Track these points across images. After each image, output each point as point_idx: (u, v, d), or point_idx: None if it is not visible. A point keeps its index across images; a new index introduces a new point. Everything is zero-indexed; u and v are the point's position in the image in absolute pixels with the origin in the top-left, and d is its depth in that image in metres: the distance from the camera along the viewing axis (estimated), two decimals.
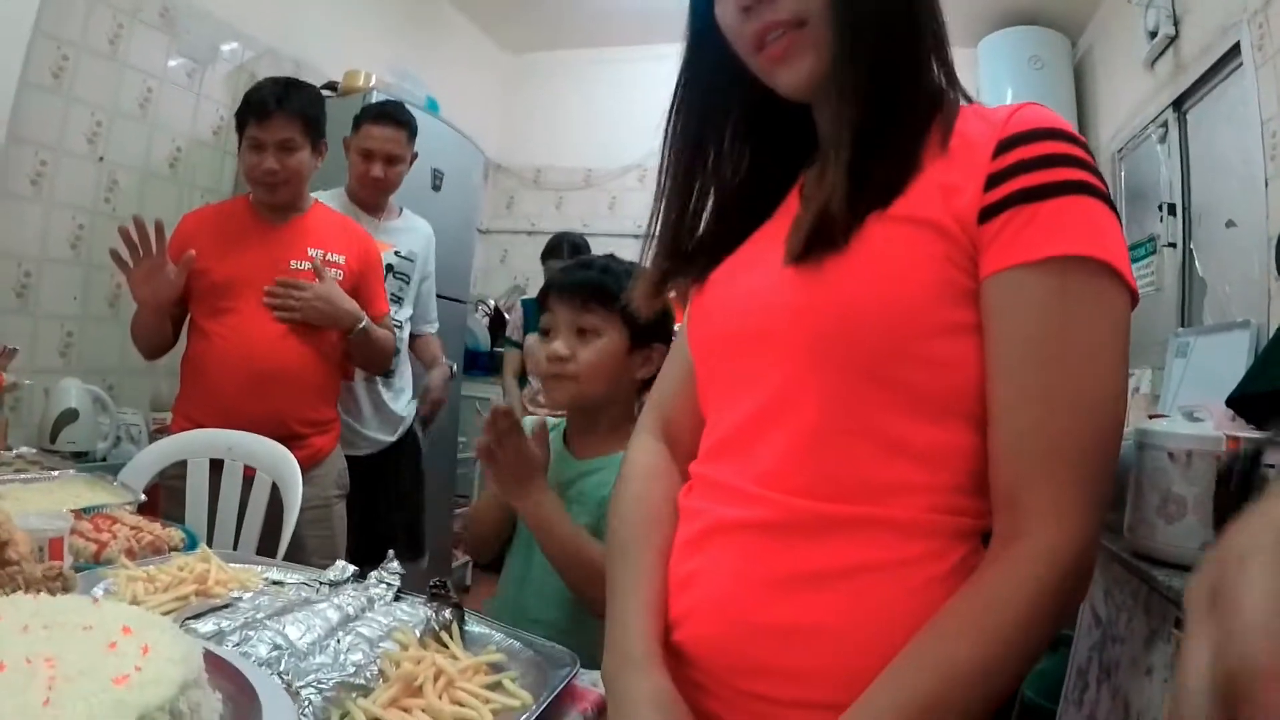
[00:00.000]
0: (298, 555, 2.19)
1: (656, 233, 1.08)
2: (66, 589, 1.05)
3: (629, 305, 1.49)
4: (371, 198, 2.92)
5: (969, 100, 0.95)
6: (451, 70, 5.13)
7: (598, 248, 4.38)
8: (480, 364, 5.17)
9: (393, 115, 2.92)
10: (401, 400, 3.10)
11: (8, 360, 2.37)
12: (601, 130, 5.59)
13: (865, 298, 0.84)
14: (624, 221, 5.49)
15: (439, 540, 4.21)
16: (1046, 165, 0.81)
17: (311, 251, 2.39)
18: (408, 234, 3.06)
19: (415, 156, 3.03)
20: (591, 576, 1.44)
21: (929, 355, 0.84)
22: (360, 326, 2.39)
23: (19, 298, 2.93)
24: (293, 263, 2.36)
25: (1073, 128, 0.86)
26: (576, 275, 1.63)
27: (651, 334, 1.62)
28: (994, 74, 4.55)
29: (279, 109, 2.28)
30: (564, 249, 4.14)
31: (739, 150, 1.07)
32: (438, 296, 3.51)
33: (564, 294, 1.61)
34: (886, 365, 0.85)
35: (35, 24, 2.41)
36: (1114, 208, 0.83)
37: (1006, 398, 0.81)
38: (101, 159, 3.12)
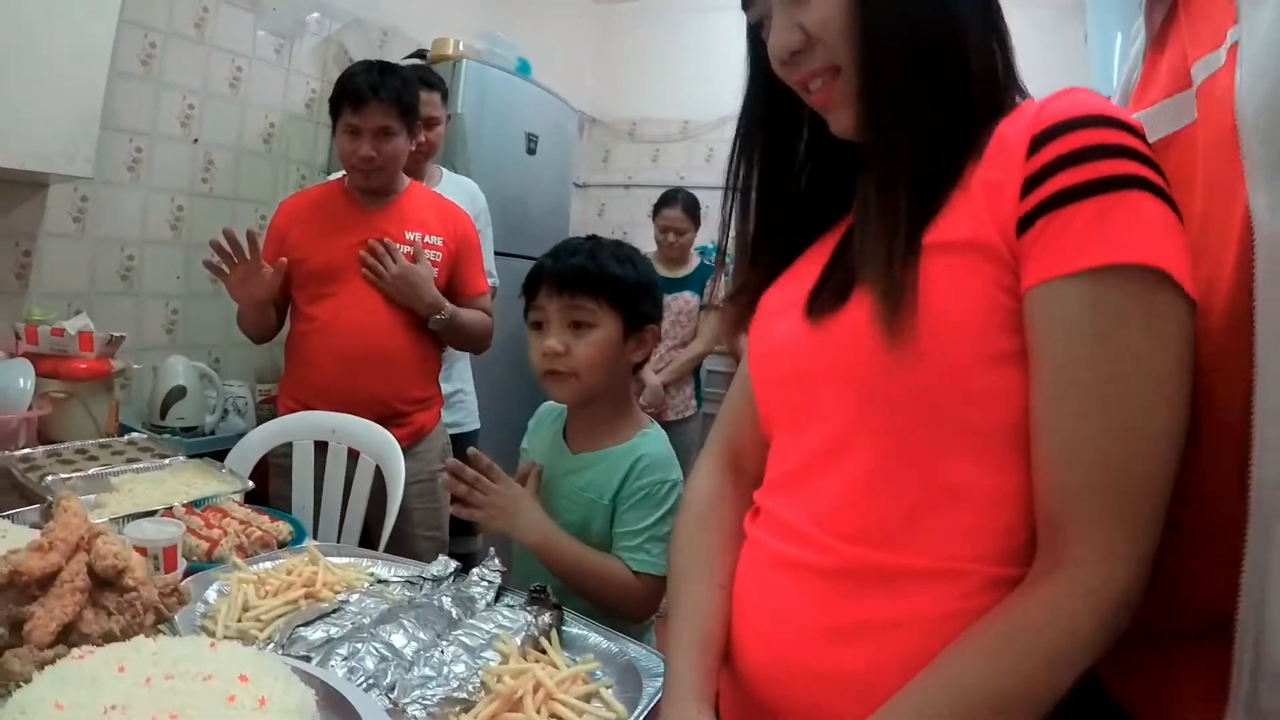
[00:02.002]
0: (405, 527, 2.30)
1: (734, 252, 1.07)
2: (182, 603, 1.10)
3: (620, 291, 1.51)
4: (414, 164, 2.82)
5: (1023, 94, 0.89)
6: (544, 26, 5.05)
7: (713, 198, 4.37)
8: None
9: (425, 78, 2.86)
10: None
11: (115, 347, 2.46)
12: (698, 81, 5.45)
13: (908, 339, 0.79)
14: (721, 173, 5.29)
15: None
16: (1086, 159, 0.73)
17: (409, 234, 2.41)
18: (455, 197, 2.94)
19: (450, 118, 3.01)
20: (606, 588, 1.49)
21: (983, 390, 0.79)
22: (439, 316, 2.40)
23: (124, 280, 3.04)
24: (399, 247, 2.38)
25: (1116, 108, 0.78)
26: (565, 265, 1.57)
27: (644, 317, 1.60)
28: (1102, 19, 4.31)
29: (375, 97, 2.28)
30: (679, 201, 4.13)
31: (803, 166, 1.05)
32: (534, 259, 3.55)
33: (553, 286, 1.55)
34: (937, 405, 0.80)
35: (120, 14, 2.45)
36: (1171, 201, 0.74)
37: (1048, 421, 0.76)
38: (196, 140, 3.19)
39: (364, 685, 1.03)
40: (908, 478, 0.82)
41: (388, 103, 2.30)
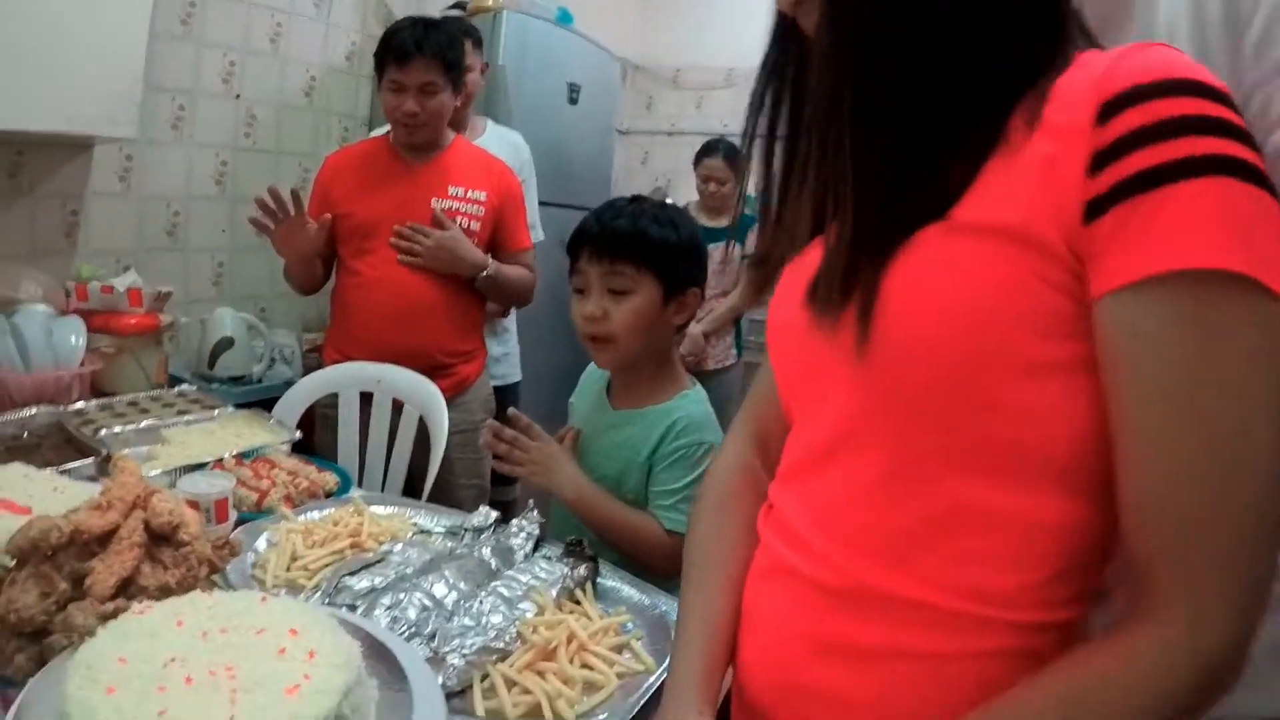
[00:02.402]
0: (447, 476, 2.35)
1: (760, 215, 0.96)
2: (234, 554, 1.16)
3: (660, 256, 1.50)
4: (455, 113, 2.78)
5: (1090, 39, 0.73)
6: None
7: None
8: None
9: (459, 27, 2.87)
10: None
11: (164, 301, 2.53)
12: (742, 28, 5.37)
13: (911, 340, 0.70)
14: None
15: None
16: (1170, 134, 0.60)
17: (453, 189, 2.44)
18: (498, 149, 2.94)
19: (486, 66, 3.01)
20: (638, 544, 1.52)
21: (1007, 404, 0.67)
22: (485, 274, 2.43)
23: (170, 236, 3.10)
24: (434, 201, 2.41)
25: (1206, 72, 0.63)
26: (605, 230, 1.57)
27: (686, 280, 1.61)
28: None
29: (419, 52, 2.30)
30: (720, 150, 4.12)
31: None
32: (578, 208, 3.58)
33: (593, 252, 1.57)
34: (951, 417, 0.70)
35: None
36: (1271, 188, 0.61)
37: (1134, 454, 0.64)
38: (238, 97, 3.22)
39: (406, 634, 1.08)
40: (913, 487, 0.73)
41: (431, 59, 2.31)
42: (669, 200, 4.51)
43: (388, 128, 2.51)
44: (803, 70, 0.88)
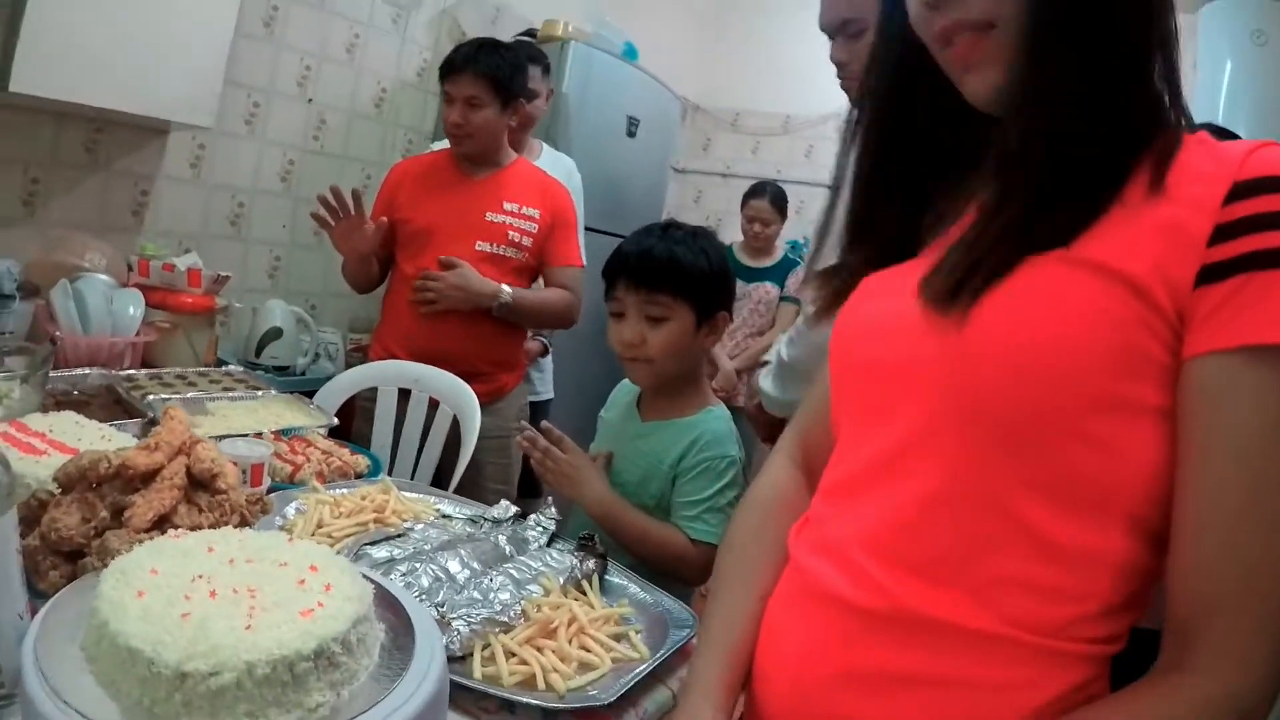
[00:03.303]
0: (476, 478, 2.43)
1: (834, 229, 0.98)
2: (265, 511, 1.22)
3: (693, 283, 1.58)
4: (513, 135, 2.86)
5: (1192, 126, 0.78)
6: (652, 9, 5.15)
7: (793, 196, 4.40)
8: None
9: (527, 52, 2.95)
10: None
11: (221, 285, 2.62)
12: (802, 76, 5.40)
13: (1012, 350, 0.71)
14: (820, 170, 5.13)
15: None
16: None
17: (508, 204, 2.53)
18: (552, 172, 2.96)
19: (551, 93, 3.12)
20: (664, 553, 1.58)
21: (1086, 433, 0.69)
22: (500, 303, 2.48)
23: (233, 225, 3.22)
24: (488, 215, 2.50)
25: None
26: (641, 261, 1.66)
27: (716, 305, 1.69)
28: (1213, 46, 4.11)
29: (466, 67, 2.43)
30: (766, 193, 4.22)
31: (924, 145, 0.91)
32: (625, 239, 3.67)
33: (630, 281, 1.65)
34: (1029, 435, 0.71)
35: None
36: None
37: (1201, 507, 0.67)
38: (310, 100, 3.35)
39: (417, 598, 1.13)
40: (976, 505, 0.74)
41: (478, 75, 2.43)
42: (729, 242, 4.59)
43: None
44: (907, 87, 0.90)
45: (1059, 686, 0.72)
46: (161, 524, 1.04)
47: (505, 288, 2.49)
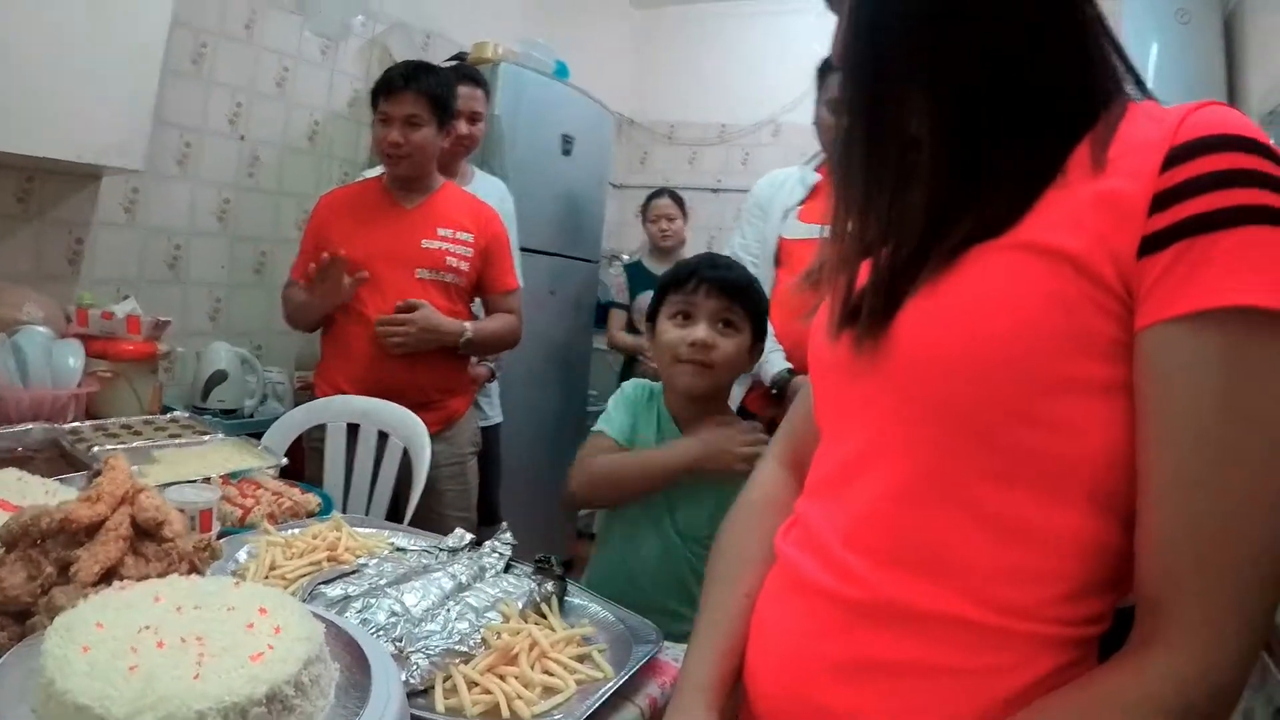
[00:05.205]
0: (435, 505, 2.45)
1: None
2: (214, 557, 1.21)
3: (759, 310, 1.68)
4: (453, 158, 2.95)
5: (1144, 92, 0.79)
6: (583, 27, 5.19)
7: (732, 203, 4.45)
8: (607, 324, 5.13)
9: (471, 75, 3.02)
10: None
11: (161, 330, 2.59)
12: (735, 85, 5.51)
13: (957, 342, 0.73)
14: (756, 178, 5.32)
15: (567, 490, 4.38)
16: (1229, 184, 0.64)
17: (441, 230, 2.53)
18: (484, 197, 2.99)
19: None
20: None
21: (1034, 417, 0.70)
22: (465, 339, 2.52)
23: (170, 269, 3.18)
24: (424, 242, 2.51)
25: (1263, 133, 0.67)
26: (723, 273, 1.73)
27: (762, 337, 1.78)
28: (1139, 27, 4.20)
29: (406, 86, 2.45)
30: (664, 194, 4.37)
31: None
32: (567, 257, 3.80)
33: (714, 288, 1.70)
34: (986, 421, 0.72)
35: (174, 16, 2.61)
36: None
37: (1161, 481, 0.67)
38: (243, 137, 3.33)
39: (373, 634, 1.12)
40: (939, 496, 0.76)
41: (418, 94, 2.45)
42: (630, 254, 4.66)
43: (380, 169, 2.63)
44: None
45: (1042, 669, 0.73)
46: (109, 576, 1.03)
47: (468, 325, 2.53)
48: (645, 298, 4.03)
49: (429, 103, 2.46)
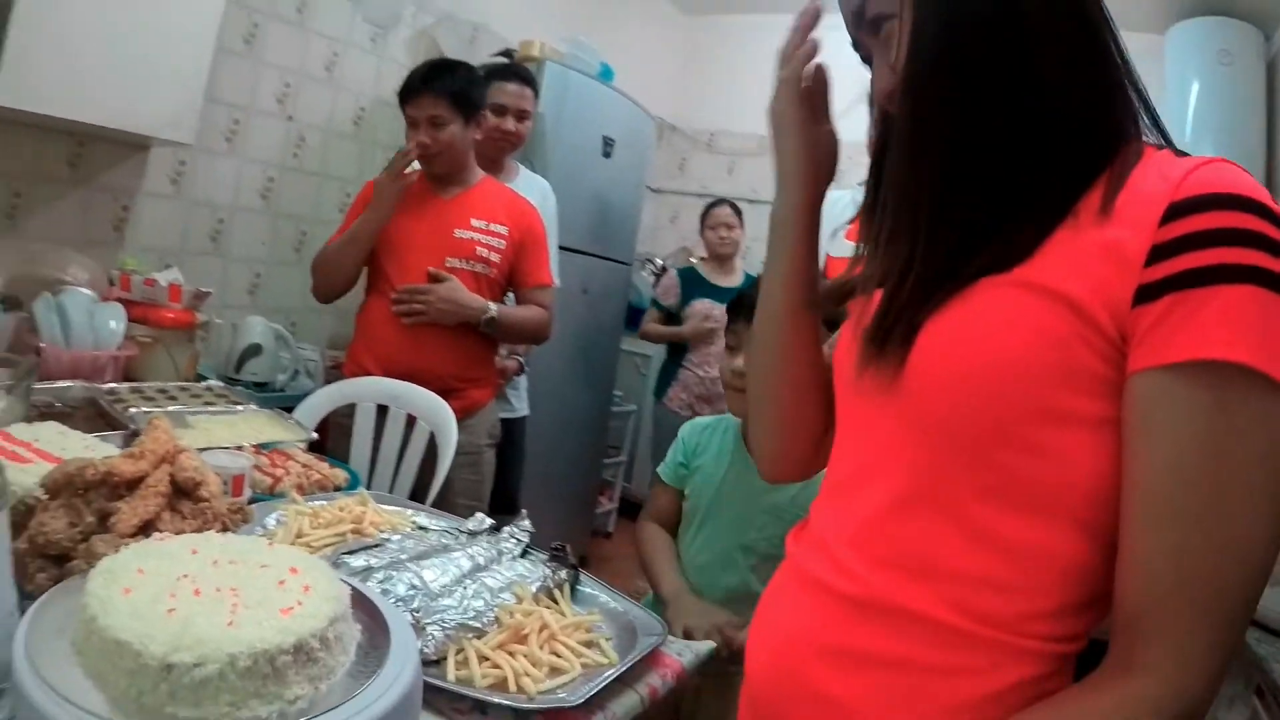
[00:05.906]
0: (448, 494, 2.45)
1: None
2: (245, 520, 1.25)
3: None
4: (498, 154, 3.00)
5: (1165, 141, 0.82)
6: (629, 32, 5.23)
7: (767, 215, 4.47)
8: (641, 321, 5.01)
9: (520, 74, 3.08)
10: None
11: (201, 301, 2.65)
12: None
13: (956, 368, 0.77)
14: None
15: (588, 486, 4.49)
16: (1225, 242, 0.66)
17: (475, 221, 2.58)
18: (526, 194, 3.02)
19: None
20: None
21: (1031, 442, 0.74)
22: (487, 318, 2.55)
23: (213, 242, 3.25)
24: (456, 231, 2.55)
25: (1267, 194, 0.69)
26: None
27: None
28: (1180, 67, 4.16)
29: (425, 88, 2.50)
30: (725, 202, 4.32)
31: None
32: (602, 258, 3.83)
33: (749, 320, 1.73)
34: (980, 444, 0.76)
35: None
36: None
37: (1144, 514, 0.70)
38: (290, 118, 3.40)
39: (393, 604, 1.17)
40: (934, 508, 0.80)
41: (437, 94, 2.50)
42: (693, 259, 4.66)
43: None
44: None
45: (1012, 677, 0.76)
46: (146, 529, 1.07)
47: (491, 304, 2.55)
48: (701, 304, 4.05)
49: (450, 101, 2.50)
